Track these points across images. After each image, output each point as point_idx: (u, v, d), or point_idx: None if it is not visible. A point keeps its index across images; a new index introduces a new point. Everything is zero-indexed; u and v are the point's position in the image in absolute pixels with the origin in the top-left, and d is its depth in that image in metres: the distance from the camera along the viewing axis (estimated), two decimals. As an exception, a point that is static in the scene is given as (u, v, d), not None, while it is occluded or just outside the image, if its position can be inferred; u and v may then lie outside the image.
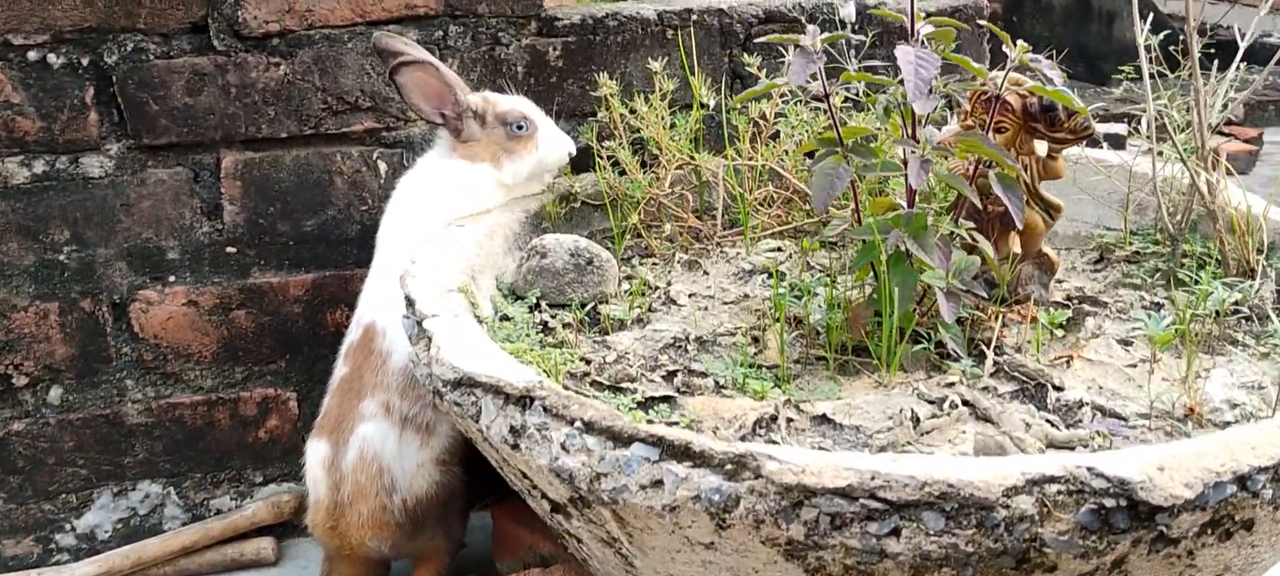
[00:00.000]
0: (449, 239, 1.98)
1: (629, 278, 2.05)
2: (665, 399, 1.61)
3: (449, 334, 1.64)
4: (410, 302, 1.77)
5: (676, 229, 2.15)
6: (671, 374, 1.70)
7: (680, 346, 1.79)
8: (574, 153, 2.17)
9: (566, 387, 1.63)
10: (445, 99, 2.04)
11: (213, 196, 2.22)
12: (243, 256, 2.26)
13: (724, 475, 1.29)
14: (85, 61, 2.10)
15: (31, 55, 2.07)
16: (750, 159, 2.20)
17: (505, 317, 1.85)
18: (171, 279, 2.23)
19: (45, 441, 2.23)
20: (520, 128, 2.09)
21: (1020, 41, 1.64)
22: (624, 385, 1.65)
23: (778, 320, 1.81)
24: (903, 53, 1.52)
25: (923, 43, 1.60)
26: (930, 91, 1.50)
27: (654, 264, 2.12)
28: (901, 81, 1.60)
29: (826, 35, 1.63)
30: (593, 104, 2.34)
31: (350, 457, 1.96)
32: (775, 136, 2.21)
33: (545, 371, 1.65)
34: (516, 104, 2.12)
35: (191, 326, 2.25)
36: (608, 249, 1.98)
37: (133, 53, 2.11)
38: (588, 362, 1.73)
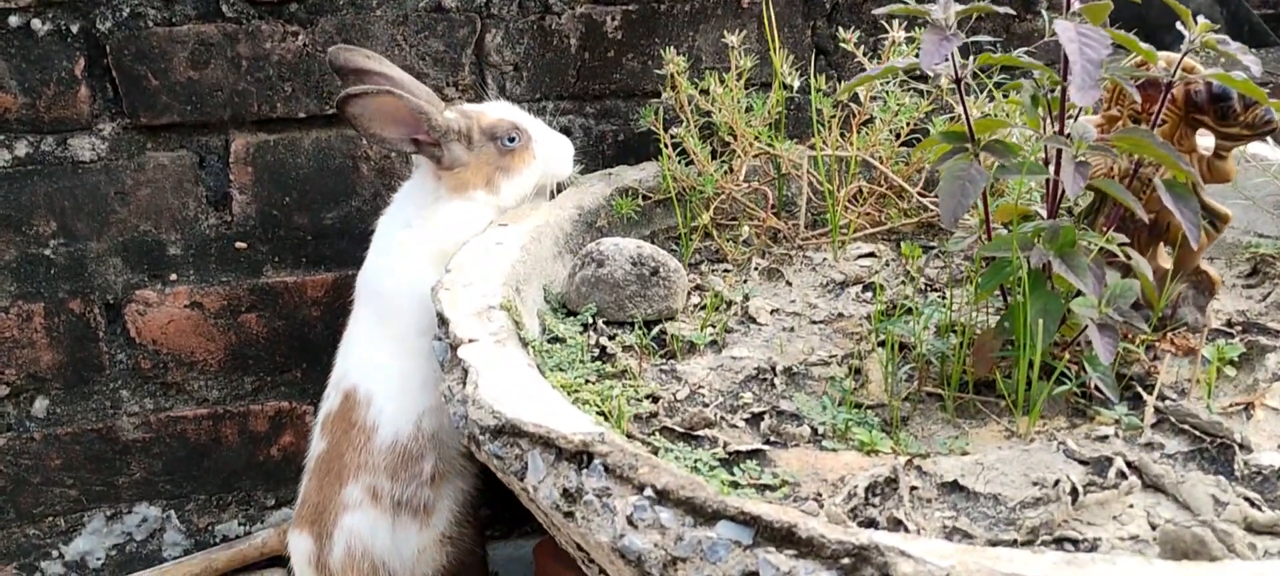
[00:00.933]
0: (489, 242, 1.69)
1: (699, 289, 1.75)
2: (753, 453, 1.31)
3: (489, 365, 1.35)
4: (443, 322, 1.48)
5: (753, 230, 1.85)
6: (757, 416, 1.40)
7: (765, 379, 1.49)
8: (573, 152, 1.86)
9: (632, 438, 1.34)
10: (417, 124, 1.68)
11: (220, 184, 1.94)
12: (254, 253, 1.98)
13: (840, 570, 1.00)
14: (75, 28, 1.82)
15: (13, 20, 1.79)
16: (839, 149, 1.89)
17: (555, 339, 1.56)
18: (173, 277, 1.95)
19: (29, 458, 1.97)
20: (512, 140, 1.77)
21: (1200, 18, 1.32)
22: (701, 432, 1.36)
23: (882, 346, 1.51)
24: (1064, 28, 1.20)
25: (1079, 17, 1.28)
26: (1098, 78, 1.18)
27: (727, 272, 1.81)
28: (1054, 64, 1.29)
29: (963, 7, 1.31)
30: (656, 83, 2.03)
31: (337, 554, 1.68)
32: (868, 122, 1.90)
33: (605, 414, 1.36)
34: (502, 112, 1.80)
35: (195, 331, 1.98)
36: (674, 254, 1.68)
37: (129, 18, 1.83)
38: (655, 400, 1.43)
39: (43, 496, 1.99)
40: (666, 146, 1.88)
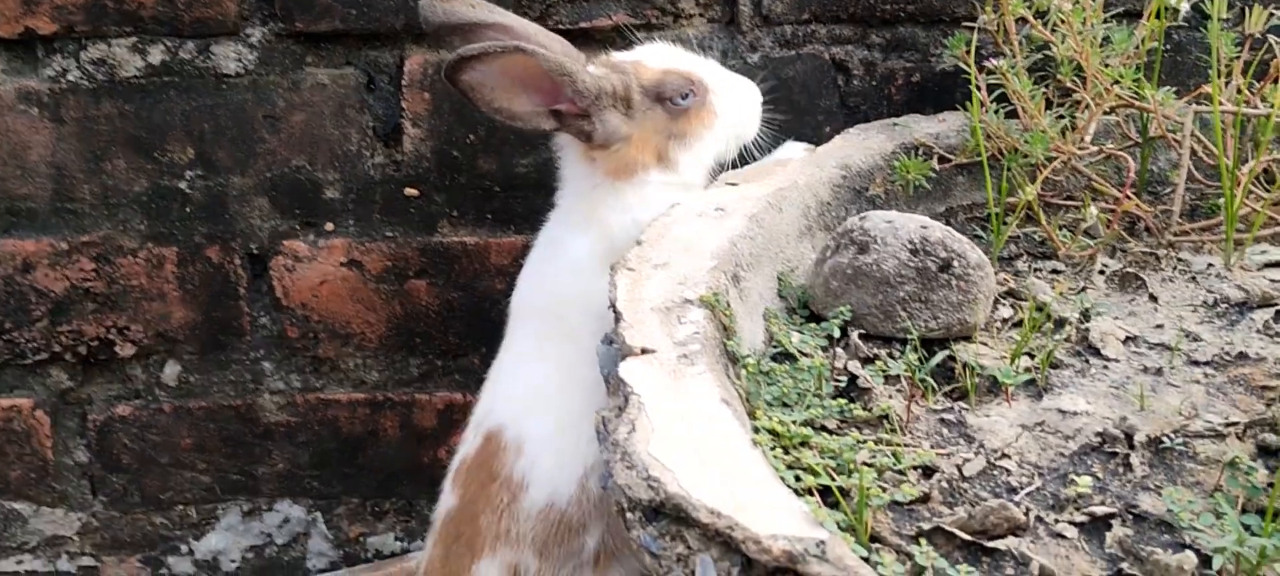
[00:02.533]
0: (705, 205, 1.18)
1: (1012, 297, 1.18)
2: (1095, 598, 0.75)
3: (661, 395, 0.85)
4: (616, 316, 0.99)
5: (1102, 215, 1.25)
6: (1100, 522, 0.84)
7: (1113, 453, 0.91)
8: (760, 100, 1.34)
9: (880, 543, 0.81)
10: (557, 90, 1.22)
11: (391, 113, 1.53)
12: (428, 203, 1.56)
13: None
14: (223, -95, 1.45)
15: (151, -107, 1.44)
16: (1246, 104, 1.26)
17: (782, 355, 1.04)
18: (329, 227, 1.57)
19: (157, 433, 1.63)
20: (685, 97, 1.27)
21: None
22: (1000, 542, 0.80)
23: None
24: None
25: None
26: None
27: (1058, 275, 1.23)
28: None
29: None
30: (970, 2, 1.46)
31: None
32: (1290, 68, 1.26)
33: (837, 495, 0.83)
34: (668, 60, 1.30)
35: (353, 296, 1.58)
36: (978, 244, 1.12)
37: (288, -106, 1.44)
38: (928, 475, 0.89)
39: (172, 480, 1.66)
40: (980, 89, 1.31)
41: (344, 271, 1.58)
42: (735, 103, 1.32)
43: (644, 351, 0.92)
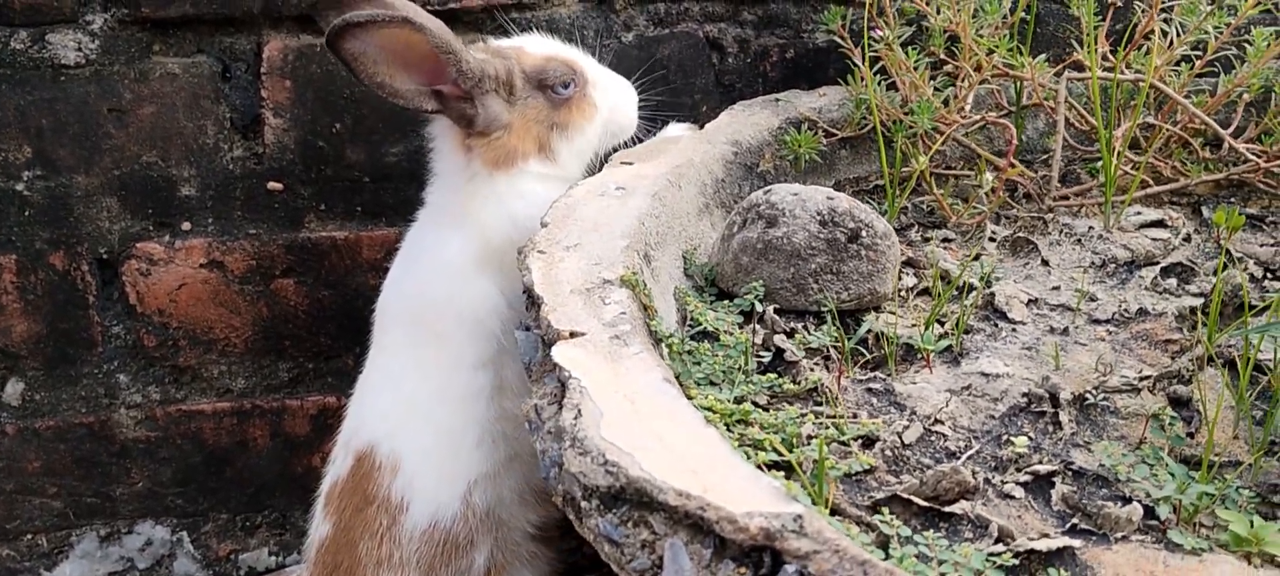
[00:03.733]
0: (605, 184, 1.15)
1: (911, 265, 1.19)
2: (1059, 554, 0.75)
3: (603, 379, 0.82)
4: (533, 302, 0.95)
5: (991, 182, 1.28)
6: (1043, 480, 0.84)
7: (1041, 412, 0.93)
8: (636, 98, 1.33)
9: (840, 514, 0.80)
10: (441, 68, 1.17)
11: (249, 103, 1.44)
12: (293, 197, 1.48)
13: None
14: (55, -118, 1.34)
15: None
16: (1109, 70, 1.30)
17: (702, 334, 1.02)
18: (186, 227, 1.47)
19: (1, 458, 1.50)
20: (567, 86, 1.24)
21: None
22: (956, 506, 0.80)
23: (1213, 365, 0.94)
24: None
25: None
26: None
27: (950, 243, 1.25)
28: None
29: None
30: None
31: None
32: (1151, 37, 1.31)
33: (789, 468, 0.82)
34: (550, 49, 1.28)
35: (215, 299, 1.49)
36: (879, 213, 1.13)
37: None
38: (869, 445, 0.88)
39: (19, 507, 1.53)
40: (860, 65, 1.32)
41: (204, 273, 1.48)
42: (614, 97, 1.29)
43: (573, 334, 0.88)
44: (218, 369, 1.53)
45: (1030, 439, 0.89)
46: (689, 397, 0.89)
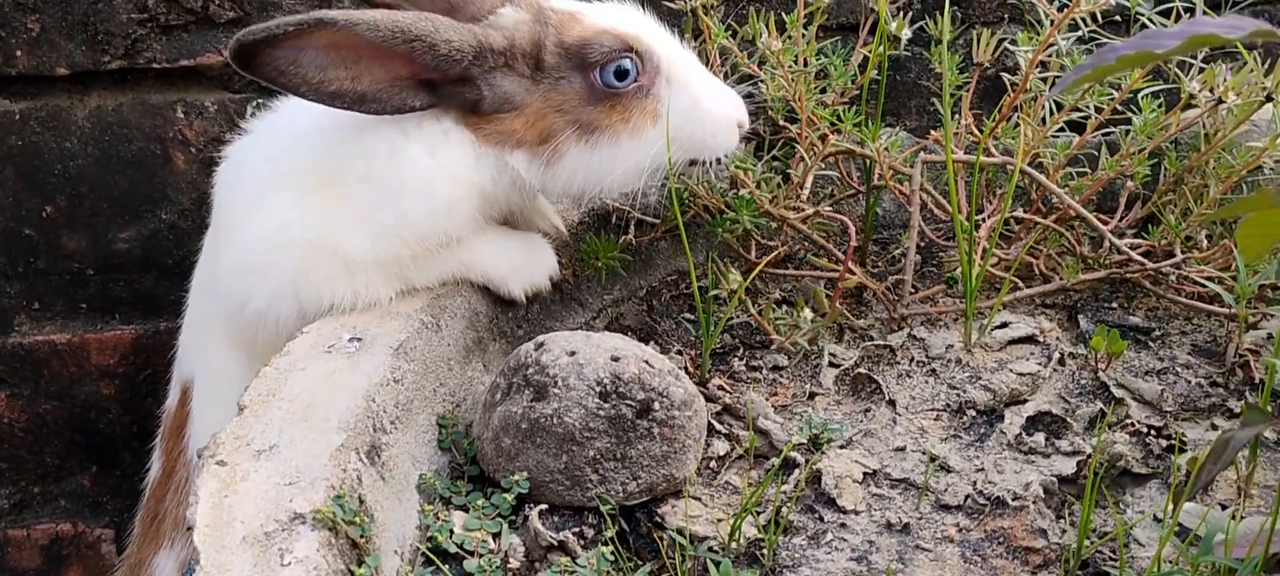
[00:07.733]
0: (335, 337, 0.90)
1: (728, 415, 0.96)
2: None
3: None
4: (195, 550, 0.70)
5: (824, 293, 1.05)
6: None
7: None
8: (747, 126, 1.00)
9: None
10: (416, 55, 0.90)
11: (-67, 183, 1.17)
12: (-2, 295, 1.22)
13: None
14: None
15: None
16: (974, 145, 1.09)
17: (438, 552, 0.78)
18: None
19: None
20: (623, 76, 0.93)
21: None
22: None
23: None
24: None
25: None
26: None
27: (780, 372, 1.03)
28: None
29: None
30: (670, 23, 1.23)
31: None
32: (1021, 110, 1.09)
33: None
34: (617, 20, 0.95)
35: (-94, 420, 1.22)
36: (682, 366, 0.90)
37: None
38: None
39: None
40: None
41: (-111, 390, 1.21)
42: (696, 104, 0.96)
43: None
44: (-84, 501, 1.27)
45: None
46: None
